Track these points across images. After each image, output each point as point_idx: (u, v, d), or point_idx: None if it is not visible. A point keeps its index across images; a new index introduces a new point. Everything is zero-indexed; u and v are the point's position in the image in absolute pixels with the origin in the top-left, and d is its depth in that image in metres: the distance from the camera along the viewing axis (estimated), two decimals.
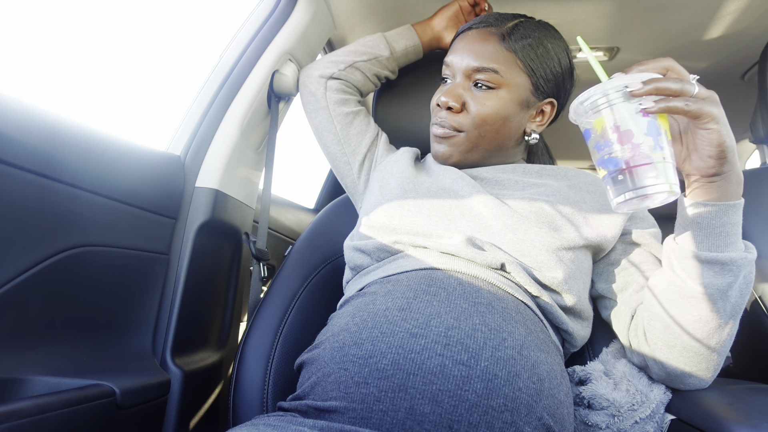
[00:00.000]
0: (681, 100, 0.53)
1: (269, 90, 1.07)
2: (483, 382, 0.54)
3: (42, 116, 0.68)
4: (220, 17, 1.47)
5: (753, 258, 0.61)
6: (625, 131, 0.53)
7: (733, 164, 0.58)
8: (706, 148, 0.56)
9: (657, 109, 0.53)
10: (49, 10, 1.08)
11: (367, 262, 0.77)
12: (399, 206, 0.77)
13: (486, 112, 0.81)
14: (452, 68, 0.84)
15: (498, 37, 0.82)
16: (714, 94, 0.56)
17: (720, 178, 0.59)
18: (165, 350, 0.88)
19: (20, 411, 0.57)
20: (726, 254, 0.60)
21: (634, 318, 0.72)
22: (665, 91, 0.53)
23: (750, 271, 0.62)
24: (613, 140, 0.54)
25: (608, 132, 0.54)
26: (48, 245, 0.69)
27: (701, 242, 0.61)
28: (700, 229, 0.61)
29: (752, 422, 0.56)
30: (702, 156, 0.57)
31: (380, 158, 0.95)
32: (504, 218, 0.72)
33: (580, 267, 0.72)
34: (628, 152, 0.53)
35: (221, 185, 0.98)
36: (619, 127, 0.54)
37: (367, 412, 0.54)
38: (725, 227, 0.60)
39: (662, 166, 0.52)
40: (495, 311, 0.61)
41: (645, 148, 0.53)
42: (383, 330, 0.58)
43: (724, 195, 0.60)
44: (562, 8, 1.24)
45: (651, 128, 0.53)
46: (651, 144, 0.53)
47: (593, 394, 0.69)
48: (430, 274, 0.66)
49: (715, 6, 1.21)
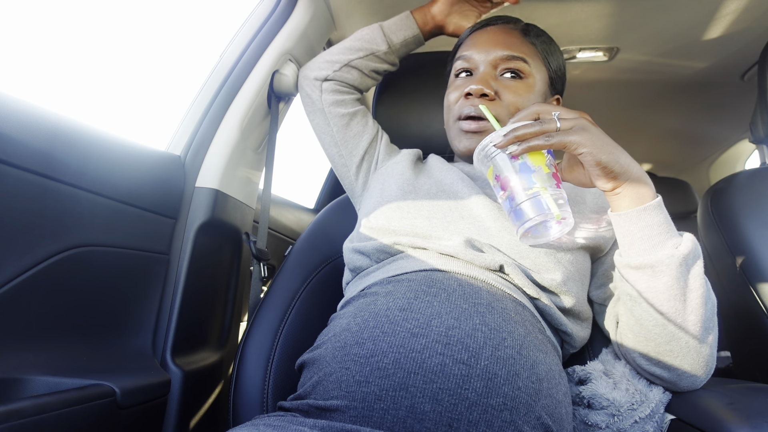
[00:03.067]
0: (541, 138, 0.60)
1: (269, 90, 1.07)
2: (483, 381, 0.54)
3: (42, 116, 0.68)
4: (220, 17, 1.47)
5: (683, 253, 0.61)
6: (504, 178, 0.63)
7: (625, 173, 0.62)
8: (590, 168, 0.62)
9: (519, 151, 0.61)
10: (49, 9, 1.08)
11: (367, 264, 0.77)
12: (398, 207, 0.77)
13: (520, 101, 0.81)
14: (474, 61, 0.84)
15: (520, 32, 0.86)
16: (580, 119, 0.62)
17: (621, 188, 0.63)
18: (165, 350, 0.88)
19: (20, 411, 0.57)
20: (651, 256, 0.62)
21: (618, 326, 0.73)
22: (524, 136, 0.61)
23: (691, 263, 0.62)
24: (498, 187, 0.65)
25: (494, 181, 0.65)
26: (48, 245, 0.69)
27: (628, 250, 0.65)
28: (623, 237, 0.65)
29: (752, 422, 0.56)
30: (593, 174, 0.63)
31: (382, 161, 0.94)
32: (502, 220, 0.73)
33: (578, 268, 0.72)
34: (509, 195, 0.63)
35: (221, 185, 0.98)
36: (498, 176, 0.64)
37: (368, 410, 0.54)
38: (643, 230, 0.63)
39: (537, 200, 0.61)
40: (495, 312, 0.61)
41: (519, 188, 0.62)
42: (384, 330, 0.59)
43: (633, 201, 0.63)
44: (562, 8, 1.24)
45: (522, 169, 0.62)
46: (525, 184, 0.61)
47: (593, 394, 0.69)
48: (430, 276, 0.66)
49: (715, 6, 1.21)
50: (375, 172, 0.94)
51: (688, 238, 0.63)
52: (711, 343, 0.64)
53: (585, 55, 1.51)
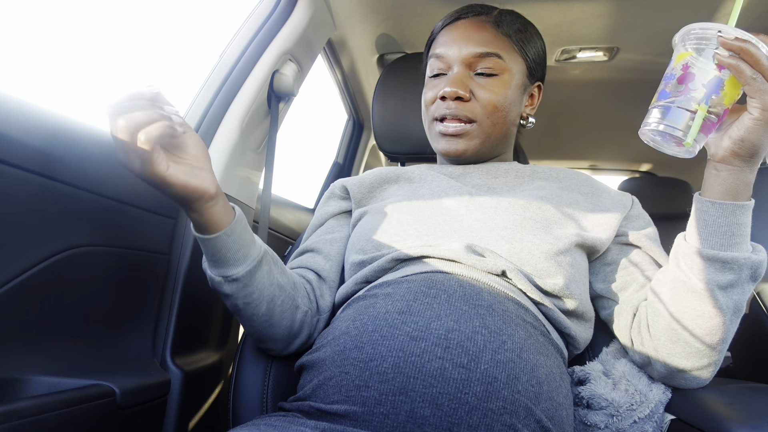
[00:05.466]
0: (752, 70, 0.52)
1: (269, 90, 1.07)
2: (483, 385, 0.54)
3: (42, 116, 0.68)
4: (220, 17, 1.47)
5: (759, 259, 0.61)
6: (689, 74, 0.54)
7: (746, 163, 0.58)
8: (735, 130, 0.56)
9: (726, 63, 0.52)
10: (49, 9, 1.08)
11: (368, 284, 0.74)
12: (385, 232, 0.75)
13: (496, 99, 0.80)
14: (447, 59, 0.82)
15: (492, 24, 0.82)
16: None
17: (726, 169, 0.59)
18: (165, 350, 0.88)
19: (20, 411, 0.57)
20: (728, 253, 0.61)
21: (637, 315, 0.72)
22: (749, 56, 0.51)
23: (756, 272, 0.62)
24: (676, 75, 0.55)
25: (678, 67, 0.56)
26: (48, 245, 0.69)
27: (706, 239, 0.62)
28: (706, 226, 0.62)
29: (752, 422, 0.56)
30: (727, 136, 0.57)
31: (356, 216, 0.84)
32: (498, 230, 0.71)
33: (578, 270, 0.72)
34: (680, 91, 0.54)
35: (221, 185, 0.97)
36: (688, 67, 0.55)
37: (368, 415, 0.54)
38: (731, 227, 0.61)
39: (693, 118, 0.53)
40: (495, 314, 0.60)
41: (694, 95, 0.54)
42: (383, 333, 0.58)
43: (728, 192, 0.60)
44: (562, 8, 1.24)
45: (712, 84, 0.54)
46: (701, 96, 0.53)
47: (592, 394, 0.69)
48: (431, 277, 0.65)
49: (715, 6, 1.21)
50: (357, 216, 0.85)
51: (759, 248, 0.63)
52: (725, 349, 0.65)
53: (585, 55, 1.51)
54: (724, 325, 0.62)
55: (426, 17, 1.30)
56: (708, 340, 0.63)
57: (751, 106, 0.54)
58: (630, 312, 0.73)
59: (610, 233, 0.75)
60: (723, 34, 0.52)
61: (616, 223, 0.76)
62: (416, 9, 1.26)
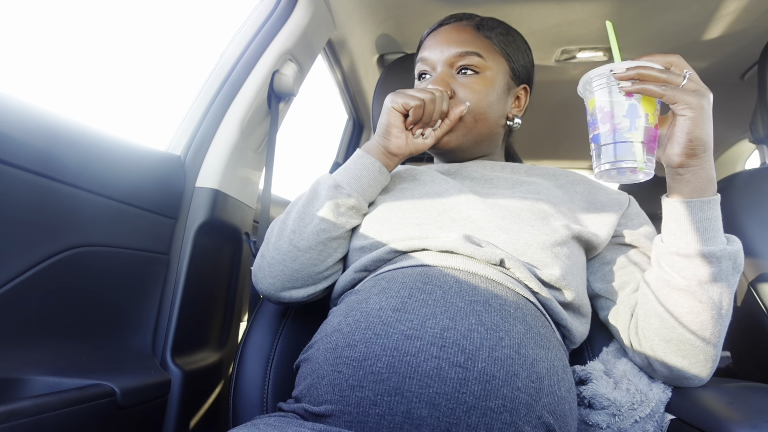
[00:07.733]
0: (657, 85, 0.58)
1: (269, 90, 1.07)
2: (480, 384, 0.53)
3: (42, 116, 0.68)
4: (220, 17, 1.47)
5: (735, 249, 0.63)
6: (608, 112, 0.60)
7: (701, 159, 0.61)
8: (677, 135, 0.60)
9: (633, 89, 0.58)
10: (48, 9, 1.09)
11: (367, 274, 0.75)
12: (386, 220, 0.75)
13: (478, 96, 0.82)
14: (430, 62, 0.85)
15: (473, 28, 0.87)
16: (707, 92, 0.60)
17: (687, 171, 0.62)
18: (165, 350, 0.88)
19: (20, 411, 0.57)
20: (705, 247, 0.63)
21: (633, 317, 0.72)
22: (647, 77, 0.58)
23: (736, 262, 0.64)
24: (597, 119, 0.61)
25: (596, 112, 0.61)
26: (48, 245, 0.69)
27: (681, 238, 0.64)
28: (679, 225, 0.65)
29: (752, 422, 0.56)
30: (673, 143, 0.61)
31: None
32: (495, 220, 0.72)
33: (575, 262, 0.72)
34: (607, 131, 0.60)
35: (221, 185, 0.98)
36: (603, 107, 0.61)
37: (363, 416, 0.53)
38: (701, 223, 0.63)
39: (633, 146, 0.58)
40: (492, 309, 0.60)
41: (621, 128, 0.59)
42: (377, 331, 0.57)
43: (694, 190, 0.63)
44: (562, 8, 1.24)
45: (630, 111, 0.59)
46: (627, 125, 0.59)
47: (594, 394, 0.69)
48: (426, 271, 0.65)
49: (715, 6, 1.21)
50: None
51: (733, 238, 0.65)
52: (720, 343, 0.66)
53: (585, 55, 1.51)
54: (713, 318, 0.64)
55: (426, 17, 1.30)
56: (701, 335, 0.64)
57: (678, 110, 0.59)
58: (628, 313, 0.73)
59: (608, 231, 0.76)
60: (615, 71, 0.59)
61: (613, 222, 0.77)
62: (416, 9, 1.26)
